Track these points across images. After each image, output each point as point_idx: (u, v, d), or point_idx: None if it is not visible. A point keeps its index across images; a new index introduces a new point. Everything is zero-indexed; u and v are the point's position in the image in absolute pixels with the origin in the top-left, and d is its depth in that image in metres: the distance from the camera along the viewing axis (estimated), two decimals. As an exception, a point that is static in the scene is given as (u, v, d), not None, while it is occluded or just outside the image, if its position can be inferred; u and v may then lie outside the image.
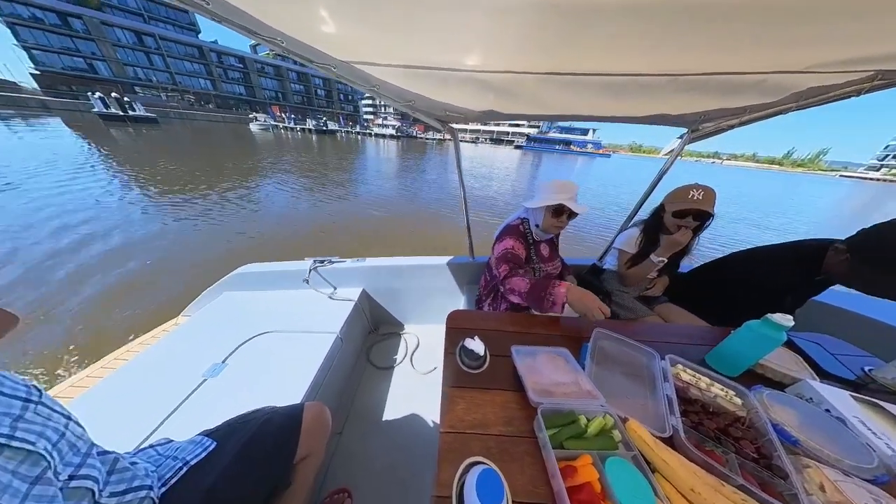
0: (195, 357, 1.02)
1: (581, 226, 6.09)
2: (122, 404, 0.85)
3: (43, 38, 41.32)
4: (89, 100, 29.18)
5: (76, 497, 0.39)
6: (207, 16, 0.43)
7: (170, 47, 53.05)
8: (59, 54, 43.36)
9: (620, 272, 1.29)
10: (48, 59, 43.54)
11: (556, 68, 0.62)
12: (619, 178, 19.99)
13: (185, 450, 0.59)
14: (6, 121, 20.05)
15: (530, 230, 1.12)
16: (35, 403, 0.38)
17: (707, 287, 1.29)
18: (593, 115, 0.95)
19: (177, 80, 57.08)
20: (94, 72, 47.00)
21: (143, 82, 53.23)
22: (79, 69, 45.53)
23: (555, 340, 0.83)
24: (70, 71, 44.96)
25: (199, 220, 4.97)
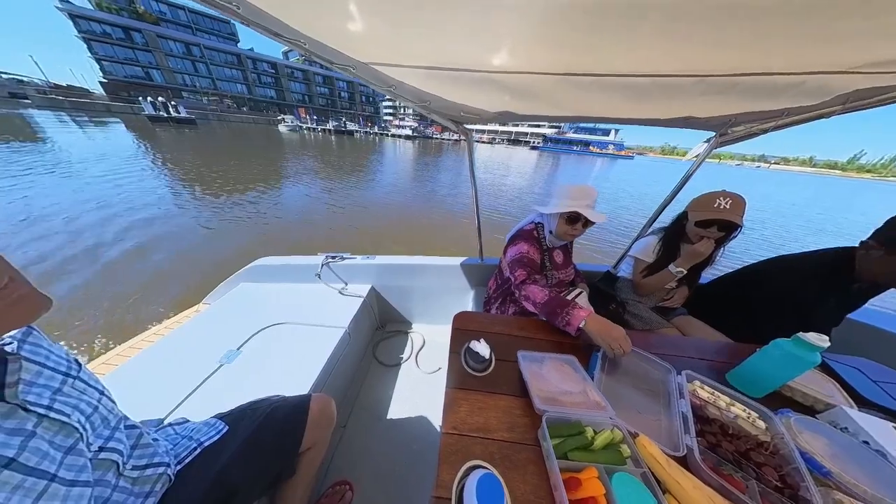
0: (213, 343, 1.08)
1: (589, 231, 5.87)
2: (146, 383, 0.93)
3: (110, 50, 47.84)
4: (140, 104, 33.22)
5: (103, 468, 0.41)
6: (237, 19, 0.46)
7: (212, 56, 59.00)
8: (122, 64, 49.68)
9: (636, 281, 1.23)
10: (113, 69, 50.04)
11: (575, 69, 0.62)
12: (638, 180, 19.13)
13: (199, 431, 0.62)
14: (78, 122, 23.64)
15: (544, 236, 1.09)
16: (73, 378, 0.42)
17: (730, 300, 1.21)
18: (612, 117, 0.92)
19: (217, 86, 62.46)
20: (149, 79, 53.33)
21: (188, 88, 58.72)
22: (137, 77, 51.90)
23: (563, 348, 0.81)
24: (130, 78, 51.42)
25: (224, 212, 5.34)
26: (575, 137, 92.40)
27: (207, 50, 57.80)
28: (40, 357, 0.39)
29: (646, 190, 13.95)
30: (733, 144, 1.00)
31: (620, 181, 17.19)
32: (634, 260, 1.24)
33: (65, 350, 0.43)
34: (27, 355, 0.37)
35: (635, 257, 1.23)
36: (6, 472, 0.30)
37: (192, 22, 61.24)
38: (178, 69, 55.46)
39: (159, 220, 4.69)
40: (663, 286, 1.17)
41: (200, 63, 58.01)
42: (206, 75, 59.66)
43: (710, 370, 0.75)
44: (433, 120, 1.03)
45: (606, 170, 29.35)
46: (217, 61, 59.88)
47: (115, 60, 49.20)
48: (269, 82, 72.02)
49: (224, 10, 0.43)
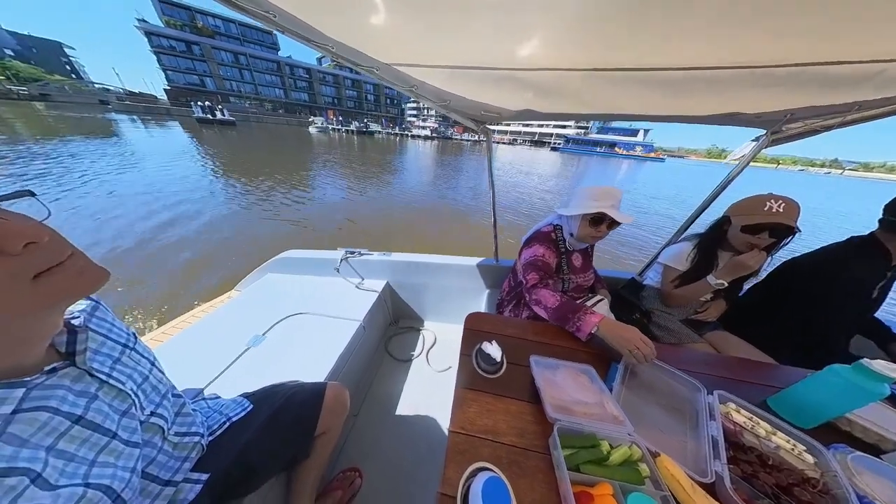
0: (242, 328, 1.18)
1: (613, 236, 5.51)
2: (187, 359, 1.03)
3: (174, 61, 55.93)
4: (192, 108, 39.11)
5: (151, 431, 0.46)
6: (274, 27, 0.50)
7: (256, 63, 65.81)
8: (182, 73, 57.82)
9: (664, 291, 1.14)
10: (176, 78, 58.13)
11: (605, 64, 0.58)
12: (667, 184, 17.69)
13: (228, 407, 0.67)
14: (145, 123, 29.00)
15: (563, 238, 1.05)
16: (130, 349, 0.46)
17: (769, 307, 1.09)
18: (645, 115, 0.87)
19: (259, 91, 68.54)
20: (203, 86, 60.50)
21: (234, 93, 65.09)
22: (194, 84, 59.53)
23: (579, 356, 0.77)
24: (188, 86, 58.98)
25: (256, 204, 5.80)
26: (599, 138, 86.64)
27: (252, 59, 64.55)
28: (104, 329, 0.44)
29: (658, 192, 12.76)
30: (793, 142, 0.89)
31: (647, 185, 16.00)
32: (664, 268, 1.15)
33: (124, 324, 0.49)
34: (93, 327, 0.43)
35: (665, 265, 1.14)
36: (77, 427, 0.35)
37: (241, 34, 67.91)
38: (227, 76, 62.29)
39: (196, 210, 5.24)
40: (697, 298, 1.07)
41: (245, 70, 64.62)
42: (249, 81, 66.15)
43: (748, 393, 0.67)
44: (453, 120, 1.04)
45: (633, 173, 27.06)
46: (259, 68, 66.48)
47: (178, 70, 57.24)
48: (303, 86, 77.53)
49: (263, 20, 0.47)
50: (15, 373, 0.31)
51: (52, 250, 0.30)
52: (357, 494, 0.93)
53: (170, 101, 60.71)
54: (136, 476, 0.40)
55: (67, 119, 23.53)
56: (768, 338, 1.05)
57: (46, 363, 0.35)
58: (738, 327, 1.13)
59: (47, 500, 0.30)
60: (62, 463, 0.33)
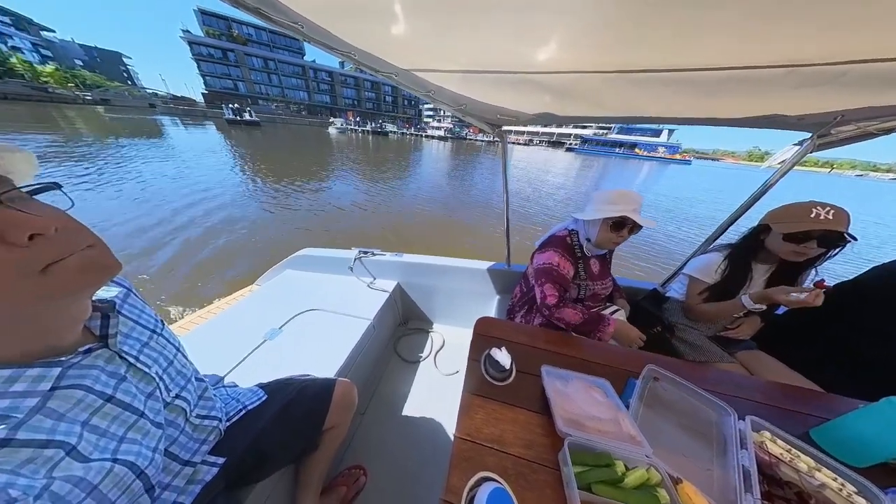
0: (260, 321, 1.23)
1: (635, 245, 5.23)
2: (209, 347, 1.09)
3: (212, 67, 61.60)
4: (223, 110, 43.62)
5: (175, 412, 0.48)
6: (301, 37, 0.53)
7: (283, 68, 70.47)
8: (218, 78, 62.95)
9: (689, 304, 1.07)
10: (213, 82, 63.48)
11: (629, 65, 0.56)
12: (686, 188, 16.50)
13: (245, 395, 0.69)
14: (185, 124, 32.71)
15: (579, 243, 1.02)
16: (158, 334, 0.49)
17: (813, 334, 0.98)
18: (670, 117, 0.82)
19: (285, 94, 72.85)
20: (236, 90, 65.57)
21: (263, 96, 69.60)
22: (228, 88, 64.71)
23: (594, 369, 0.74)
24: (223, 90, 64.13)
25: (276, 203, 6.10)
26: (617, 138, 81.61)
27: (280, 63, 69.30)
28: (134, 314, 0.47)
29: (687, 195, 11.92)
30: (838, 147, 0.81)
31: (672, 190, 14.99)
32: (689, 279, 1.08)
33: (153, 311, 0.53)
34: (125, 312, 0.46)
35: (691, 276, 1.07)
36: (108, 405, 0.37)
37: (271, 41, 73.11)
38: (257, 80, 67.23)
39: (219, 204, 5.61)
40: (726, 317, 1.00)
41: (273, 75, 69.31)
42: (277, 85, 70.84)
43: (787, 422, 0.61)
44: (469, 122, 1.04)
45: (655, 176, 25.45)
46: (286, 72, 71.04)
47: (214, 75, 62.79)
48: (325, 89, 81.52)
49: (291, 30, 0.49)
50: (52, 353, 0.34)
51: (62, 242, 0.30)
52: (361, 492, 0.93)
53: (206, 104, 66.27)
54: (158, 455, 0.42)
55: (122, 120, 26.39)
56: (810, 361, 0.95)
57: (81, 344, 0.37)
58: (775, 347, 1.03)
59: (80, 471, 0.32)
60: (95, 438, 0.35)
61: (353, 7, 0.45)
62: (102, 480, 0.34)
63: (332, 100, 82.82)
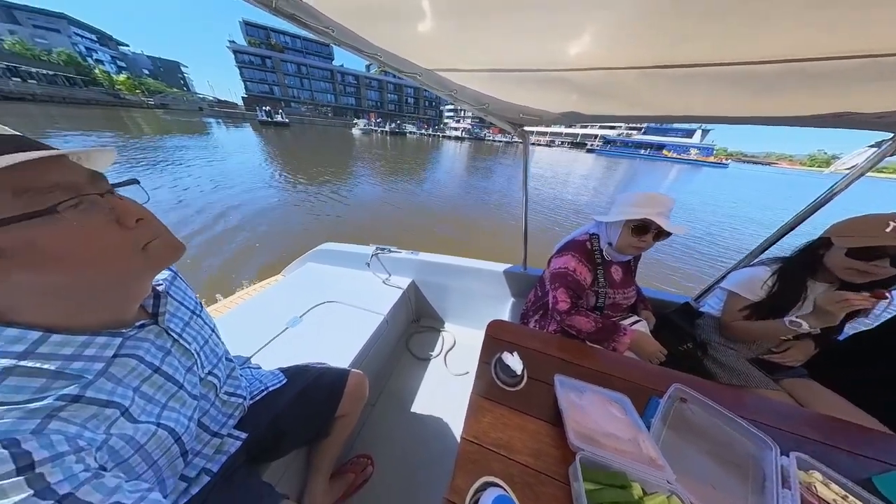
0: (284, 309, 1.31)
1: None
2: (238, 330, 1.18)
3: (252, 73, 67.96)
4: (257, 112, 49.08)
5: (207, 387, 0.52)
6: (331, 41, 0.55)
7: (314, 72, 75.42)
8: (257, 83, 69.51)
9: (726, 322, 0.96)
10: (252, 87, 69.68)
11: (668, 60, 0.51)
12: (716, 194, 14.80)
13: (267, 377, 0.73)
14: (226, 125, 36.75)
15: (598, 248, 0.96)
16: (197, 315, 0.54)
17: (886, 365, 0.84)
18: (719, 116, 0.75)
19: (314, 96, 77.63)
20: (272, 93, 71.23)
21: (295, 99, 74.54)
22: (265, 93, 70.54)
23: (613, 382, 0.70)
24: (260, 94, 69.95)
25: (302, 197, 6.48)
26: (643, 139, 75.70)
27: (311, 68, 74.39)
28: (179, 296, 0.52)
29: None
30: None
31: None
32: (728, 295, 0.98)
33: (195, 293, 0.58)
34: (172, 294, 0.51)
35: (730, 291, 0.96)
36: (155, 375, 0.42)
37: (304, 47, 79.02)
38: (290, 85, 72.54)
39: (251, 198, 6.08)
40: (770, 339, 0.89)
41: (305, 79, 74.35)
42: (307, 88, 75.88)
43: (843, 463, 0.53)
44: (490, 122, 1.02)
45: (684, 181, 22.46)
46: (316, 77, 75.96)
47: (253, 81, 69.09)
48: (351, 91, 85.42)
49: (322, 34, 0.52)
50: (117, 325, 0.39)
51: (154, 226, 0.37)
52: (368, 481, 0.96)
53: (245, 107, 72.73)
54: (193, 424, 0.47)
55: (176, 122, 30.03)
56: (875, 396, 0.82)
57: (138, 319, 0.42)
58: (832, 377, 0.90)
59: (130, 431, 0.37)
60: (143, 402, 0.40)
61: (380, 9, 0.46)
62: (148, 441, 0.39)
63: (356, 102, 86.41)
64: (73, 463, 0.29)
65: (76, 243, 0.30)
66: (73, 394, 0.32)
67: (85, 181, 0.32)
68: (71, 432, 0.31)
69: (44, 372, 0.31)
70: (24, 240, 0.27)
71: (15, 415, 0.28)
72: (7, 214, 0.26)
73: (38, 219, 0.28)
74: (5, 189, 0.27)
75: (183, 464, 0.47)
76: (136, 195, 0.38)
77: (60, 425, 0.30)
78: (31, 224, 0.27)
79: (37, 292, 0.31)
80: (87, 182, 0.33)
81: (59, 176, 0.30)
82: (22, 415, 0.29)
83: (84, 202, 0.30)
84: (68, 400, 0.32)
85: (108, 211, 0.33)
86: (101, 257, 0.32)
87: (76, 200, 0.30)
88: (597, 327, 0.88)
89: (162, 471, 0.43)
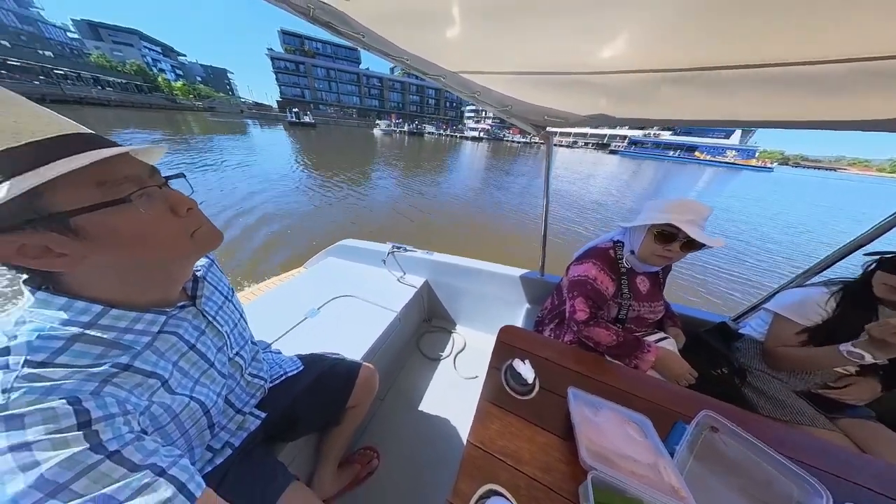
0: (304, 300, 1.34)
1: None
2: (262, 317, 1.26)
3: (286, 78, 73.00)
4: (287, 114, 53.20)
5: (234, 367, 0.56)
6: (362, 47, 0.57)
7: (341, 76, 79.83)
8: (290, 87, 73.85)
9: (770, 348, 0.86)
10: (286, 91, 74.55)
11: (709, 62, 0.47)
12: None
13: (286, 363, 0.77)
14: (262, 125, 39.47)
15: (622, 256, 0.90)
16: (229, 301, 0.58)
17: None
18: (769, 121, 0.67)
19: (340, 99, 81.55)
20: (303, 97, 75.88)
21: (323, 101, 78.92)
22: (296, 96, 75.37)
23: (631, 401, 0.65)
24: (292, 97, 74.87)
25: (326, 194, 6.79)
26: (672, 140, 69.09)
27: (339, 72, 78.83)
28: (214, 281, 0.56)
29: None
30: None
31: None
32: (775, 317, 0.88)
33: (228, 280, 0.63)
34: (209, 279, 0.55)
35: (778, 313, 0.86)
36: (191, 352, 0.46)
37: (333, 53, 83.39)
38: (319, 88, 77.11)
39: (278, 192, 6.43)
40: (824, 369, 0.79)
41: (333, 82, 78.84)
42: (335, 91, 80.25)
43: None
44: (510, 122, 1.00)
45: (720, 185, 19.93)
46: (343, 80, 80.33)
47: (287, 85, 74.41)
48: (375, 94, 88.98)
49: (354, 41, 0.54)
50: (162, 304, 0.43)
51: (200, 215, 0.41)
52: (373, 474, 0.98)
53: (278, 109, 78.59)
54: (220, 399, 0.51)
55: (220, 123, 33.32)
56: None
57: (179, 300, 0.47)
58: None
59: (168, 400, 0.40)
60: (180, 376, 0.44)
61: (409, 14, 0.47)
62: (182, 411, 0.42)
63: (379, 103, 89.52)
64: (122, 424, 0.32)
65: (142, 228, 0.34)
66: (124, 362, 0.36)
67: (145, 174, 0.36)
68: (121, 396, 0.34)
69: (103, 341, 0.35)
70: (102, 225, 0.31)
71: (78, 377, 0.32)
72: (92, 202, 0.30)
73: (113, 206, 0.32)
74: (89, 181, 0.30)
75: (210, 435, 0.51)
76: (182, 188, 0.42)
77: (113, 390, 0.34)
78: (107, 211, 0.31)
79: (104, 271, 0.35)
80: (147, 175, 0.36)
81: (128, 169, 0.34)
82: (84, 377, 0.32)
83: (146, 193, 0.34)
84: (120, 368, 0.36)
85: (164, 201, 0.37)
86: (161, 241, 0.36)
87: (142, 191, 0.34)
88: (618, 341, 0.82)
89: (192, 440, 0.47)
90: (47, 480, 0.26)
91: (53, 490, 0.26)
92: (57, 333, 0.32)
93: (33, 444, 0.26)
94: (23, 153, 0.28)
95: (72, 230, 0.30)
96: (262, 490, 0.56)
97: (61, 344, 0.32)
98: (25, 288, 0.34)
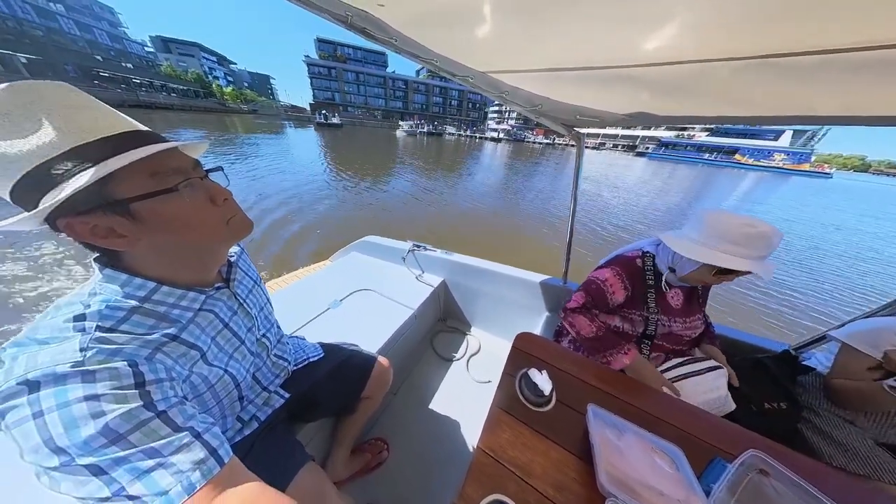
0: (328, 291, 1.40)
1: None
2: (288, 304, 1.33)
3: (319, 82, 77.80)
4: (315, 116, 57.58)
5: (261, 347, 0.61)
6: (393, 50, 0.58)
7: (369, 80, 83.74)
8: (322, 91, 78.50)
9: (837, 386, 0.74)
10: (318, 94, 79.51)
11: (781, 48, 0.41)
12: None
13: (308, 349, 0.81)
14: (295, 126, 40.38)
15: (650, 267, 0.82)
16: (257, 286, 0.62)
17: None
18: (858, 116, 0.56)
19: (367, 101, 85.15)
20: (333, 100, 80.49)
21: (351, 104, 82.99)
22: (328, 99, 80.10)
23: (660, 427, 0.59)
24: (324, 100, 79.58)
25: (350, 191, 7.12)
26: (708, 141, 61.01)
27: (367, 76, 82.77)
28: (245, 267, 0.61)
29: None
30: None
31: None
32: (843, 349, 0.75)
33: (256, 268, 0.68)
34: (240, 265, 0.59)
35: (846, 344, 0.74)
36: (225, 329, 0.50)
37: (363, 57, 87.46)
38: (348, 91, 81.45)
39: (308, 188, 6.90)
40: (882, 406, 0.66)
41: (361, 86, 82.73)
42: (362, 94, 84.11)
43: None
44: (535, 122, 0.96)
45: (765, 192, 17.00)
46: (370, 83, 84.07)
47: (320, 89, 79.40)
48: (400, 96, 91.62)
49: (386, 45, 0.55)
50: (202, 284, 0.47)
51: (234, 205, 0.44)
52: (383, 465, 1.00)
53: (311, 111, 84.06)
54: (249, 375, 0.56)
55: (261, 124, 36.61)
56: None
57: (216, 282, 0.51)
58: None
59: (206, 371, 0.45)
60: (216, 350, 0.48)
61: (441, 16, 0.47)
62: (217, 382, 0.47)
63: (404, 105, 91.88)
64: (168, 388, 0.36)
65: (188, 214, 0.38)
66: (172, 334, 0.40)
67: (190, 167, 0.40)
68: (168, 364, 0.38)
69: (155, 314, 0.40)
70: (155, 211, 0.35)
71: (136, 343, 0.36)
72: (147, 191, 0.35)
73: (164, 195, 0.36)
74: (144, 172, 0.35)
75: (240, 407, 0.56)
76: (220, 180, 0.46)
77: (163, 357, 0.38)
78: (159, 199, 0.35)
79: (155, 252, 0.39)
80: (191, 167, 0.40)
81: (176, 162, 0.38)
82: (140, 344, 0.36)
83: (190, 183, 0.38)
84: (169, 338, 0.40)
85: (205, 191, 0.40)
86: (203, 226, 0.40)
87: (187, 181, 0.37)
88: (597, 335, 0.81)
89: (225, 409, 0.52)
90: (111, 429, 0.30)
91: (115, 438, 0.30)
92: (120, 304, 0.37)
93: (101, 396, 0.30)
94: (98, 147, 0.33)
95: (131, 214, 0.34)
96: (283, 464, 0.59)
97: (124, 314, 0.37)
98: (95, 265, 0.39)
